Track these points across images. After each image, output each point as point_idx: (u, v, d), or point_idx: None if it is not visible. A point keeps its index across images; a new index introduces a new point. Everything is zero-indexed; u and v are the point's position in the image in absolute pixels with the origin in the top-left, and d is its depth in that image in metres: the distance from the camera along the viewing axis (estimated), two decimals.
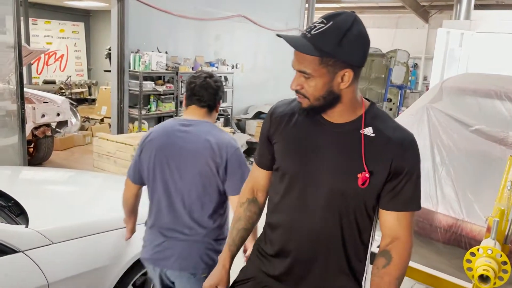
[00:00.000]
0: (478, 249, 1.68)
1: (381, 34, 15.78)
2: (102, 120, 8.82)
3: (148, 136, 1.90)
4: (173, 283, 1.89)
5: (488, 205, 2.14)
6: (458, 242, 2.41)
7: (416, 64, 15.08)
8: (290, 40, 1.20)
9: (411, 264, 1.99)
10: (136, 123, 6.29)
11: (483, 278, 1.62)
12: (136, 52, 6.07)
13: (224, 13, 7.38)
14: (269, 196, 1.49)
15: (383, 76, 10.95)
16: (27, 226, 1.91)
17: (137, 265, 2.30)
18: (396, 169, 1.25)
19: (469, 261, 1.68)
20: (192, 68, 6.85)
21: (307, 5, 10.03)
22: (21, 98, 4.67)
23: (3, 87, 5.02)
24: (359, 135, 1.27)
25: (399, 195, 1.27)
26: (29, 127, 5.41)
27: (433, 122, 2.60)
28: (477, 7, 10.87)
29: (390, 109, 10.90)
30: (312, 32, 1.18)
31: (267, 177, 1.51)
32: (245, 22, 7.88)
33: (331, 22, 1.17)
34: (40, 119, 5.59)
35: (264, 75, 8.70)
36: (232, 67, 7.73)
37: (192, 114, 1.89)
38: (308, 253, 1.36)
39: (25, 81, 9.85)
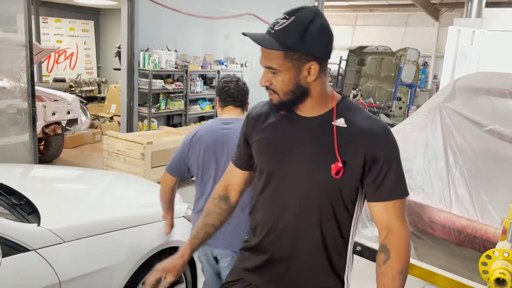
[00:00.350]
0: (494, 252, 1.65)
1: (391, 32, 15.68)
2: (111, 118, 8.86)
3: (195, 135, 2.12)
4: (217, 260, 2.13)
5: (503, 206, 2.11)
6: (472, 244, 2.38)
7: (426, 62, 14.94)
8: (254, 37, 1.22)
9: (424, 265, 1.96)
10: (146, 121, 6.31)
11: (499, 282, 1.59)
12: (145, 51, 6.08)
13: (233, 11, 7.37)
14: (252, 196, 1.48)
15: (393, 74, 10.87)
16: (39, 225, 1.92)
17: (147, 264, 2.30)
18: (371, 158, 1.24)
19: (484, 263, 1.65)
20: (202, 66, 6.85)
21: (316, 3, 9.98)
22: (32, 96, 4.69)
23: (14, 85, 5.05)
24: (331, 127, 1.27)
25: (382, 185, 1.26)
26: (39, 125, 5.44)
27: (446, 122, 2.57)
28: (489, 5, 10.73)
29: (400, 108, 10.82)
30: (275, 28, 1.20)
31: (242, 177, 1.53)
32: (254, 20, 7.86)
33: (293, 17, 1.19)
34: (51, 117, 5.62)
35: None
36: (241, 65, 7.72)
37: (230, 113, 2.14)
38: (285, 250, 1.36)
39: (35, 79, 9.95)
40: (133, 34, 5.89)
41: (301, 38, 1.18)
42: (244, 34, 1.27)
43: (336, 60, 14.33)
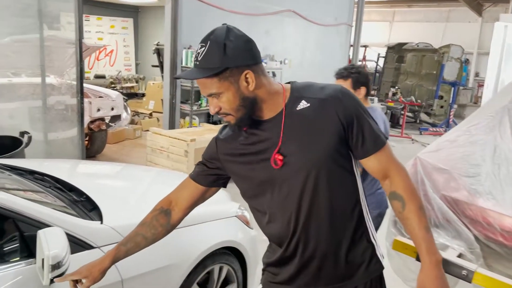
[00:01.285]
0: None
1: (431, 29, 15.23)
2: (150, 114, 8.99)
3: None
4: None
5: None
6: None
7: (468, 59, 14.43)
8: (184, 75, 1.31)
9: (495, 276, 1.85)
10: (187, 118, 6.36)
11: None
12: (188, 48, 6.12)
13: (274, 8, 7.31)
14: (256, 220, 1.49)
15: (434, 72, 10.55)
16: (102, 222, 1.93)
17: (202, 263, 2.29)
18: (346, 120, 1.29)
19: None
20: None
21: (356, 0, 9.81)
22: (81, 93, 4.80)
23: (61, 82, 5.19)
24: (297, 113, 1.31)
25: (365, 140, 1.31)
26: (85, 121, 5.57)
27: None
28: None
29: (442, 107, 10.50)
30: (199, 59, 1.25)
31: (194, 193, 1.53)
32: (294, 17, 7.78)
33: (208, 42, 1.24)
34: (96, 113, 5.75)
35: (311, 71, 8.59)
36: (281, 62, 7.66)
37: None
38: (310, 248, 1.37)
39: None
40: (176, 32, 5.93)
41: (224, 55, 1.22)
42: (175, 77, 1.39)
43: (374, 57, 14.05)
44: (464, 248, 2.03)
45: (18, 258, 1.62)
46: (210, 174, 1.50)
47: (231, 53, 1.22)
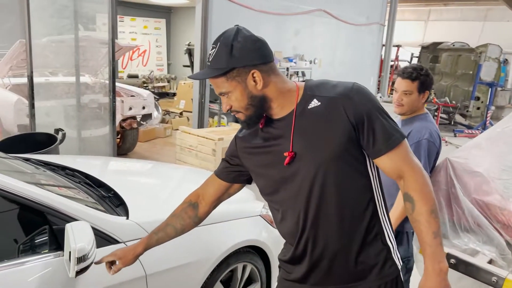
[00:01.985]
0: None
1: (467, 28, 14.77)
2: (181, 113, 9.12)
3: None
4: None
5: None
6: None
7: (506, 59, 13.88)
8: (195, 76, 1.36)
9: None
10: (216, 117, 6.41)
11: None
12: None
13: (304, 8, 7.28)
14: (272, 217, 1.54)
15: (470, 72, 10.22)
16: (127, 218, 1.97)
17: (225, 262, 2.31)
18: (355, 119, 1.27)
19: None
20: None
21: None
22: (113, 92, 4.92)
23: (95, 81, 5.34)
24: (309, 111, 1.31)
25: (376, 139, 1.28)
26: (117, 119, 5.71)
27: None
28: None
29: (478, 108, 10.16)
30: (210, 59, 1.31)
31: (219, 188, 1.59)
32: (324, 16, 7.71)
33: (218, 44, 1.29)
34: (128, 111, 5.87)
35: (342, 70, 8.49)
36: (310, 62, 7.61)
37: None
38: (320, 247, 1.37)
39: None
40: (207, 31, 5.99)
41: (231, 56, 1.26)
42: (189, 77, 1.46)
43: (407, 57, 13.76)
44: (496, 254, 1.96)
45: (47, 250, 1.67)
46: (232, 171, 1.56)
47: (238, 54, 1.27)
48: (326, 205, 1.33)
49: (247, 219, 2.56)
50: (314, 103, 1.32)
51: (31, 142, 3.82)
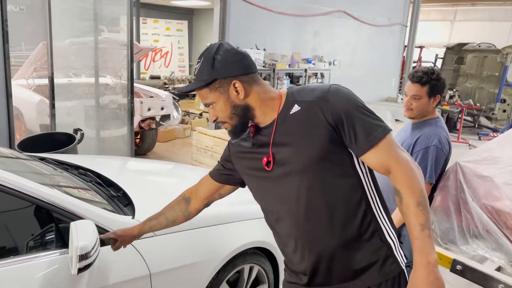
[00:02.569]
0: None
1: (495, 28, 14.38)
2: (201, 114, 9.20)
3: None
4: None
5: None
6: None
7: None
8: (182, 89, 1.46)
9: None
10: None
11: None
12: None
13: (324, 9, 7.24)
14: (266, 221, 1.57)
15: (497, 74, 9.94)
16: (133, 217, 2.00)
17: (231, 262, 2.32)
18: (334, 119, 1.28)
19: None
20: (289, 65, 6.82)
21: None
22: (131, 93, 5.01)
23: (116, 82, 5.44)
24: (290, 117, 1.35)
25: (357, 137, 1.29)
26: (136, 119, 5.81)
27: None
28: None
29: (504, 111, 9.87)
30: (195, 73, 1.38)
31: (211, 187, 1.69)
32: (345, 17, 7.65)
33: (202, 58, 1.37)
34: (147, 112, 5.97)
35: (362, 72, 8.41)
36: (329, 63, 7.56)
37: None
38: (314, 250, 1.39)
39: (135, 77, 10.66)
40: (224, 33, 6.03)
41: (212, 68, 1.33)
42: (178, 91, 1.59)
43: (431, 58, 13.50)
44: (504, 261, 1.91)
45: (54, 248, 1.71)
46: (224, 174, 1.64)
47: (219, 66, 1.33)
48: (315, 206, 1.35)
49: (254, 220, 2.56)
50: (295, 108, 1.35)
51: (50, 142, 3.93)
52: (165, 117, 6.42)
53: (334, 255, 1.38)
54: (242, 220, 2.47)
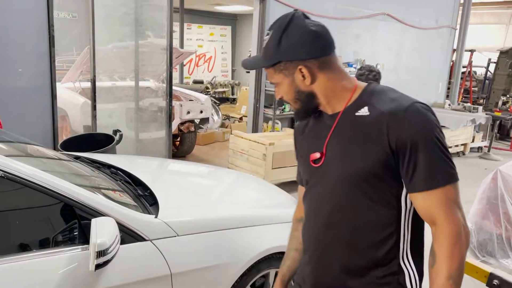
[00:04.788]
0: None
1: None
2: (241, 118, 9.24)
3: None
4: None
5: None
6: None
7: None
8: (245, 64, 1.33)
9: None
10: (270, 122, 6.41)
11: None
12: None
13: (366, 12, 7.07)
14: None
15: None
16: (156, 217, 2.01)
17: (256, 266, 2.27)
18: (396, 144, 1.12)
19: None
20: None
21: (462, 1, 9.06)
22: (170, 96, 5.10)
23: (157, 86, 5.57)
24: (354, 118, 1.20)
25: (415, 173, 1.11)
26: (176, 122, 5.92)
27: None
28: None
29: None
30: (263, 47, 1.26)
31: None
32: (388, 20, 7.44)
33: (271, 31, 1.22)
34: (186, 115, 6.06)
35: (407, 76, 8.12)
36: None
37: None
38: (316, 251, 1.32)
39: (177, 81, 10.88)
40: (263, 38, 6.01)
41: (278, 48, 1.19)
42: (242, 65, 1.36)
43: (484, 62, 12.87)
44: None
45: (76, 243, 1.74)
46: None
47: (286, 47, 1.19)
48: (338, 219, 1.24)
49: (282, 224, 2.51)
50: (364, 111, 1.19)
51: (91, 142, 4.07)
52: (205, 121, 6.49)
53: (339, 279, 1.26)
54: (267, 224, 2.42)
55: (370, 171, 1.16)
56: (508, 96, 9.90)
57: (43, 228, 1.83)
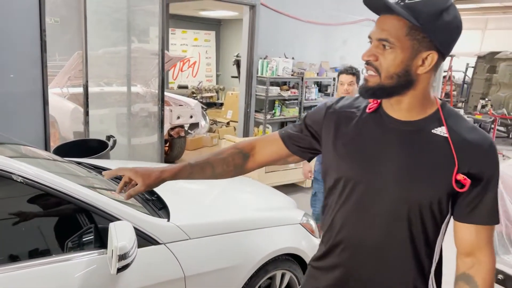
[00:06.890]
0: None
1: None
2: (228, 123, 9.26)
3: None
4: None
5: None
6: None
7: None
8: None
9: None
10: (261, 127, 6.46)
11: None
12: (264, 58, 6.23)
13: (353, 17, 7.21)
14: (323, 206, 1.33)
15: None
16: (168, 220, 2.03)
17: (264, 268, 2.31)
18: (475, 175, 1.09)
19: None
20: (317, 73, 6.81)
21: None
22: (162, 101, 5.09)
23: (146, 91, 5.55)
24: (430, 135, 1.12)
25: (480, 206, 1.12)
26: (166, 127, 5.89)
27: None
28: None
29: None
30: (407, 1, 1.05)
31: (278, 153, 1.40)
32: (372, 25, 7.59)
33: None
34: (176, 120, 6.05)
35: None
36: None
37: None
38: (369, 269, 1.22)
39: None
40: (253, 42, 6.07)
41: (434, 20, 1.03)
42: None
43: (462, 67, 13.24)
44: None
45: (92, 248, 1.75)
46: (299, 143, 1.37)
47: (440, 24, 1.04)
48: (386, 240, 1.19)
49: (287, 226, 2.56)
50: (441, 130, 1.12)
51: (84, 148, 4.03)
52: (194, 126, 6.49)
53: (378, 282, 1.23)
54: (275, 226, 2.47)
55: (436, 198, 1.12)
56: (486, 99, 10.21)
57: (58, 234, 1.83)
